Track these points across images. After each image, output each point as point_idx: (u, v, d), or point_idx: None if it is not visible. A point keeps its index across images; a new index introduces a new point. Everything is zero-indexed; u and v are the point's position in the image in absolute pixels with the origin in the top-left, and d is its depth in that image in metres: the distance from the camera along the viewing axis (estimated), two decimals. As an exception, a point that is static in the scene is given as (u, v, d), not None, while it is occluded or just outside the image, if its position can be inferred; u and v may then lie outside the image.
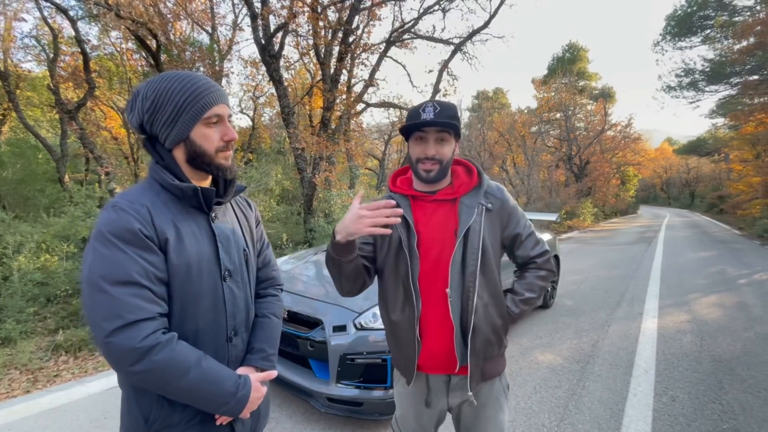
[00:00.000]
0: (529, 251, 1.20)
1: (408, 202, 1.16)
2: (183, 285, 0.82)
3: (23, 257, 3.96)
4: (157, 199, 0.82)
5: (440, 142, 1.11)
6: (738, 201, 19.56)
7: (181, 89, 0.81)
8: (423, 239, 1.12)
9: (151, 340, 0.72)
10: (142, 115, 0.83)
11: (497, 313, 1.15)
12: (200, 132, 0.83)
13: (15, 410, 2.35)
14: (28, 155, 8.84)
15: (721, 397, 2.68)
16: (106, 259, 0.73)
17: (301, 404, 2.42)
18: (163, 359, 0.73)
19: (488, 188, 1.16)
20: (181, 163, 0.86)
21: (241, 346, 0.95)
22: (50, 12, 7.60)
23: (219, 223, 0.92)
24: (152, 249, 0.77)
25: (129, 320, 0.71)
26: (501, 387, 1.22)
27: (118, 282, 0.72)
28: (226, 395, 0.81)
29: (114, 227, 0.74)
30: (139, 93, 0.83)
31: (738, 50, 14.73)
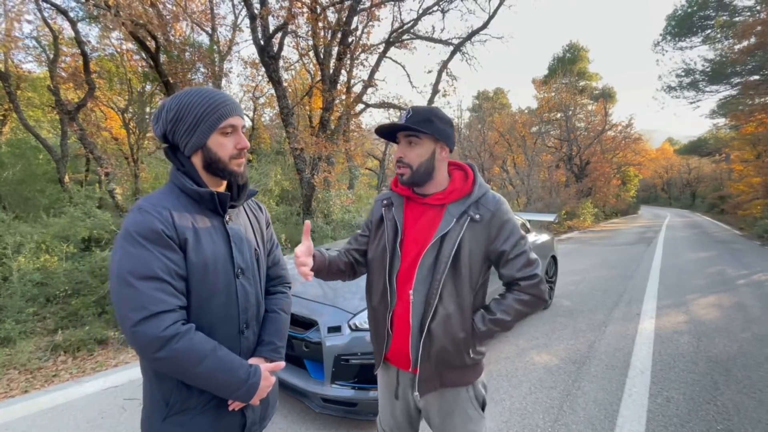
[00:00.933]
0: (515, 272, 1.12)
1: (401, 202, 1.22)
2: (200, 281, 0.90)
3: (23, 257, 3.98)
4: (177, 202, 0.91)
5: (409, 146, 1.14)
6: (738, 201, 19.54)
7: (201, 102, 0.90)
8: (407, 239, 1.18)
9: (172, 330, 0.81)
10: (166, 125, 0.92)
11: (460, 326, 1.12)
12: (216, 140, 0.92)
13: (13, 410, 2.37)
14: (28, 156, 8.86)
15: (716, 398, 2.69)
16: (133, 257, 0.82)
17: (296, 404, 2.44)
18: (183, 347, 0.81)
19: (482, 198, 1.14)
20: (198, 169, 0.95)
21: (252, 339, 1.03)
22: (51, 13, 7.63)
23: (233, 224, 1.00)
24: (173, 248, 0.86)
25: (153, 311, 0.80)
26: (469, 397, 1.19)
27: (144, 277, 0.81)
28: (238, 382, 0.89)
29: (140, 227, 0.83)
30: (165, 106, 0.93)
31: (738, 50, 14.70)
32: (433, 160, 1.14)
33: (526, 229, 4.66)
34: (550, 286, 4.80)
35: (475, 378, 1.20)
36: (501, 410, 2.48)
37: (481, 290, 1.18)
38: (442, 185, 1.18)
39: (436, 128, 1.11)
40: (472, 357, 1.16)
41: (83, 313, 3.73)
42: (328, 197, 7.30)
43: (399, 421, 1.30)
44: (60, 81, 7.71)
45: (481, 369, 1.23)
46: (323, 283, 2.68)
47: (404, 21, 9.10)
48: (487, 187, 1.17)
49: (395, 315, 1.18)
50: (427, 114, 1.11)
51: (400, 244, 1.18)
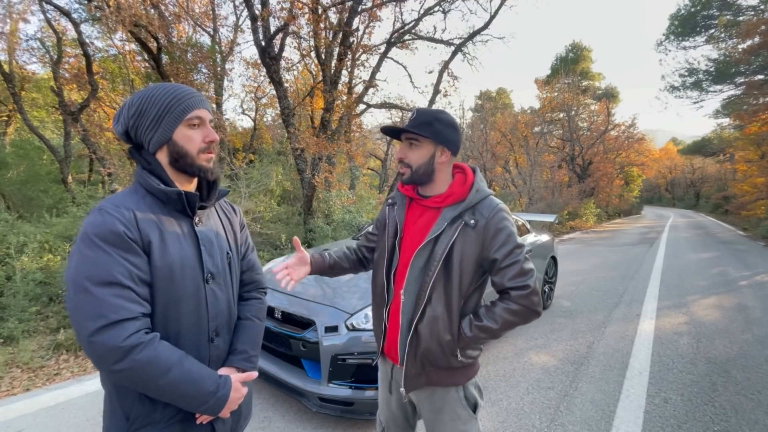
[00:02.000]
0: (505, 281, 1.09)
1: (405, 203, 1.26)
2: (166, 286, 0.85)
3: (26, 257, 4.01)
4: (142, 203, 0.86)
5: (410, 147, 1.16)
6: (743, 201, 19.42)
7: (165, 94, 0.87)
8: (405, 239, 1.21)
9: (133, 340, 0.75)
10: (128, 121, 0.87)
11: (447, 329, 1.12)
12: (183, 133, 0.88)
13: (14, 408, 2.40)
14: (32, 156, 8.93)
15: (714, 399, 2.69)
16: (90, 261, 0.76)
17: (293, 404, 2.45)
18: (145, 358, 0.76)
19: (479, 204, 1.13)
20: (165, 166, 0.90)
21: (223, 347, 0.98)
22: (54, 15, 7.69)
23: (202, 227, 0.95)
24: (136, 251, 0.80)
25: (112, 320, 0.74)
26: (458, 398, 1.20)
27: (102, 282, 0.75)
28: (206, 394, 0.84)
29: (99, 229, 0.78)
30: (125, 104, 0.88)
31: (742, 50, 14.61)
32: (433, 162, 1.15)
33: (526, 229, 4.66)
34: (549, 286, 4.80)
35: (466, 380, 1.21)
36: (498, 410, 2.49)
37: (475, 296, 1.18)
38: (443, 188, 1.19)
39: (436, 131, 1.11)
40: (460, 360, 1.16)
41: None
42: (329, 197, 7.32)
43: (395, 414, 1.34)
44: (63, 82, 7.78)
45: (474, 371, 1.23)
46: (322, 283, 2.70)
47: (405, 21, 9.11)
48: (487, 193, 1.16)
49: (391, 311, 1.23)
50: (429, 117, 1.12)
51: (399, 243, 1.21)
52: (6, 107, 10.23)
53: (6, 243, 4.14)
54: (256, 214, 7.05)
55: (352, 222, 7.11)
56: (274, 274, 1.28)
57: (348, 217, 7.20)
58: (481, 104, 28.31)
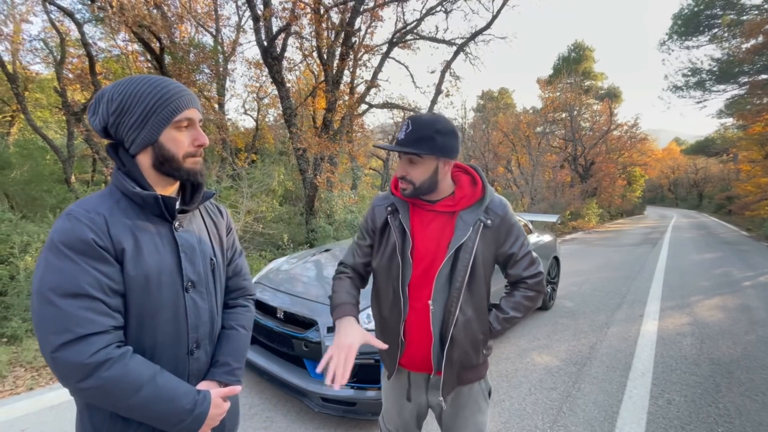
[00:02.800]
0: (522, 271, 1.17)
1: (407, 208, 1.17)
2: (140, 297, 0.79)
3: (30, 257, 4.03)
4: (116, 207, 0.79)
5: (410, 164, 1.09)
6: (746, 202, 19.33)
7: (151, 91, 0.79)
8: (417, 247, 1.13)
9: (101, 356, 0.70)
10: (107, 117, 0.79)
11: (479, 328, 1.16)
12: (170, 135, 0.81)
13: (18, 407, 2.41)
14: (35, 156, 8.97)
15: (717, 401, 2.67)
16: (56, 270, 0.70)
17: (295, 404, 2.45)
18: (114, 375, 0.70)
19: (491, 203, 1.13)
20: (146, 168, 0.83)
21: (204, 359, 0.92)
22: (58, 15, 7.73)
23: (183, 232, 0.88)
24: (106, 259, 0.75)
25: (79, 334, 0.69)
26: (480, 390, 1.24)
27: (69, 294, 0.70)
28: (181, 413, 0.77)
29: (66, 237, 0.72)
30: (104, 95, 0.80)
31: (746, 49, 14.54)
32: (437, 175, 1.09)
33: (529, 230, 4.65)
34: (552, 287, 4.78)
35: (486, 370, 1.26)
36: (500, 411, 2.48)
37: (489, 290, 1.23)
38: (448, 191, 1.15)
39: (437, 146, 1.04)
40: (484, 353, 1.22)
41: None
42: (331, 197, 7.33)
43: (407, 422, 1.30)
44: (67, 82, 7.81)
45: (489, 361, 1.29)
46: (323, 283, 2.69)
47: (407, 21, 9.12)
48: (492, 190, 1.17)
49: (409, 323, 1.15)
50: (429, 131, 1.03)
51: (411, 253, 1.13)
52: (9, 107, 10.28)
53: (10, 243, 4.16)
54: (258, 214, 7.06)
55: (354, 222, 7.12)
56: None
57: (350, 217, 7.21)
58: (483, 104, 28.29)
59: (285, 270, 3.06)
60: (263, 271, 3.20)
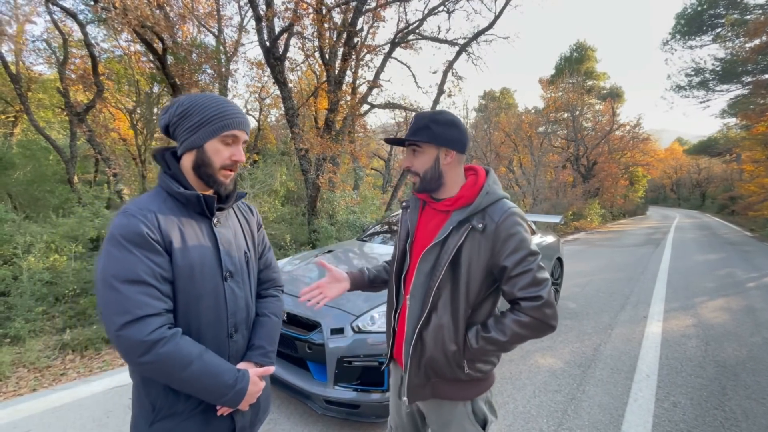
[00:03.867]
0: (515, 291, 1.02)
1: (418, 205, 1.24)
2: (187, 284, 0.90)
3: (33, 257, 4.04)
4: (163, 205, 0.91)
5: (413, 155, 1.14)
6: (749, 202, 19.24)
7: (213, 105, 0.93)
8: (416, 243, 1.19)
9: (156, 335, 0.81)
10: (172, 117, 0.94)
11: (453, 338, 1.07)
12: (214, 146, 0.94)
13: (21, 408, 2.41)
14: (38, 157, 9.00)
15: (723, 404, 2.65)
16: (117, 260, 0.82)
17: (299, 406, 2.44)
18: (168, 352, 0.82)
19: (490, 207, 1.08)
20: (187, 170, 0.96)
21: (241, 343, 1.03)
22: (60, 16, 7.75)
23: (221, 227, 1.00)
24: (158, 251, 0.86)
25: (137, 315, 0.80)
26: (466, 413, 1.14)
27: (128, 281, 0.81)
28: (225, 387, 0.89)
29: (125, 231, 0.84)
30: (177, 101, 0.95)
31: (750, 49, 14.47)
32: (438, 165, 1.11)
33: (532, 230, 4.63)
34: (555, 288, 4.76)
35: (475, 395, 1.14)
36: (505, 414, 2.47)
37: (486, 305, 1.12)
38: (454, 190, 1.14)
39: (434, 134, 1.08)
40: (467, 372, 1.10)
41: (91, 312, 3.78)
42: (333, 198, 7.32)
43: (404, 422, 1.32)
44: (69, 83, 7.83)
45: (484, 387, 1.16)
46: (327, 285, 2.68)
47: (409, 21, 9.09)
48: (499, 195, 1.10)
49: (400, 316, 1.21)
50: (426, 121, 1.09)
51: (411, 247, 1.19)
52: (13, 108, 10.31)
53: (13, 243, 4.16)
54: (260, 215, 7.05)
55: (356, 222, 7.10)
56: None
57: (352, 218, 7.20)
58: (485, 104, 28.23)
59: (288, 271, 3.05)
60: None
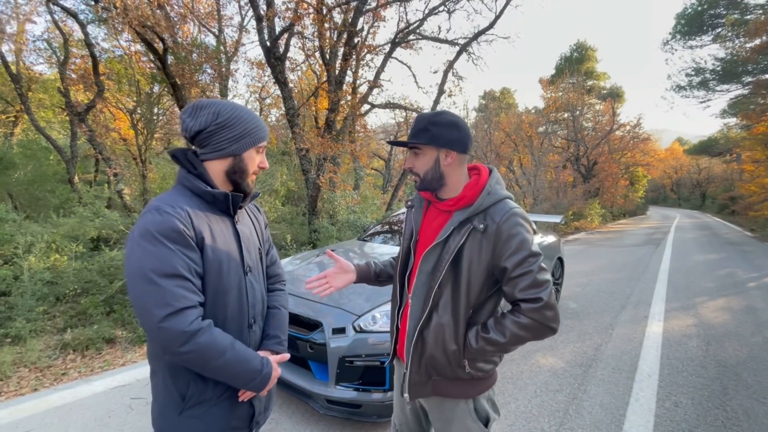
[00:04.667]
0: (516, 292, 1.02)
1: (422, 205, 1.26)
2: (215, 279, 0.95)
3: (33, 257, 4.04)
4: (191, 203, 0.95)
5: (415, 156, 1.15)
6: (750, 202, 19.24)
7: (252, 119, 1.01)
8: (420, 242, 1.21)
9: (195, 325, 0.85)
10: (209, 124, 0.96)
11: (453, 338, 1.08)
12: (250, 154, 1.02)
13: (22, 408, 2.41)
14: (39, 156, 9.00)
15: (725, 404, 2.65)
16: (154, 255, 0.84)
17: (300, 405, 2.44)
18: (205, 341, 0.86)
19: (492, 207, 1.07)
20: (216, 173, 1.00)
21: (258, 333, 1.11)
22: (61, 16, 7.75)
23: (240, 224, 1.06)
24: (193, 247, 0.90)
25: (177, 308, 0.84)
26: (468, 410, 1.15)
27: (167, 275, 0.84)
28: (254, 372, 0.96)
29: (161, 227, 0.86)
30: (209, 107, 0.97)
31: (750, 48, 14.47)
32: (439, 166, 1.11)
33: (533, 230, 4.63)
34: (556, 288, 4.76)
35: (476, 393, 1.15)
36: (506, 413, 2.46)
37: (487, 305, 1.13)
38: (457, 189, 1.14)
39: (433, 136, 1.08)
40: (468, 372, 1.10)
41: (92, 312, 3.78)
42: (334, 198, 7.32)
43: (408, 418, 1.32)
44: (70, 83, 7.83)
45: (486, 386, 1.17)
46: (328, 285, 2.68)
47: (410, 21, 9.09)
48: (501, 196, 1.09)
49: (403, 314, 1.23)
50: (425, 122, 1.10)
51: (415, 246, 1.21)
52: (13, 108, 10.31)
53: (14, 243, 4.17)
54: (261, 215, 7.05)
55: (357, 222, 7.10)
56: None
57: (352, 218, 7.20)
58: (485, 104, 28.23)
59: (289, 271, 3.05)
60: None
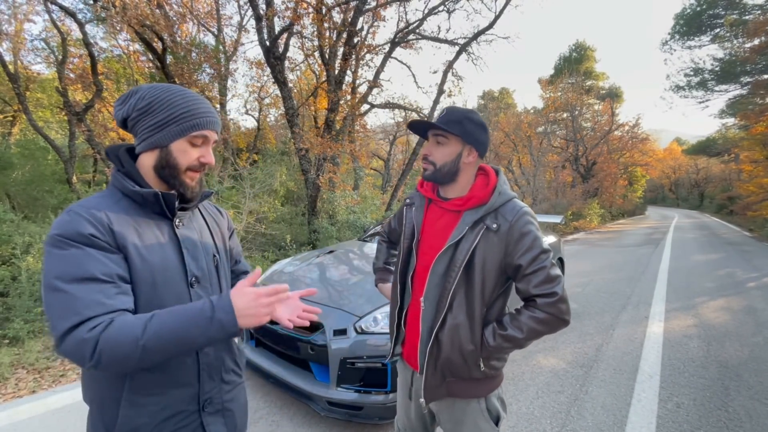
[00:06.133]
0: (530, 288, 1.04)
1: (423, 203, 1.23)
2: (149, 292, 0.80)
3: (31, 257, 4.01)
4: (117, 206, 0.81)
5: (437, 145, 1.13)
6: (748, 202, 19.26)
7: (181, 103, 0.84)
8: (423, 242, 1.18)
9: (98, 328, 0.68)
10: (131, 111, 0.83)
11: (469, 338, 1.08)
12: (181, 146, 0.85)
13: (20, 410, 2.39)
14: (37, 156, 8.95)
15: (727, 404, 2.64)
16: (61, 259, 0.71)
17: (301, 407, 2.43)
18: (114, 328, 0.69)
19: (502, 207, 1.08)
20: (146, 169, 0.85)
21: (213, 355, 0.91)
22: (59, 15, 7.71)
23: (184, 229, 0.90)
24: (109, 249, 0.75)
25: (85, 316, 0.68)
26: (480, 410, 1.15)
27: (76, 279, 0.70)
28: (201, 311, 0.73)
29: (65, 230, 0.73)
30: (138, 91, 0.85)
31: (749, 49, 14.50)
32: (459, 161, 1.12)
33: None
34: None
35: (488, 392, 1.16)
36: (508, 415, 2.45)
37: (498, 303, 1.13)
38: (464, 190, 1.15)
39: (465, 130, 1.09)
40: (483, 370, 1.11)
41: (90, 313, 3.75)
42: (333, 198, 7.30)
43: (413, 422, 1.31)
44: (68, 82, 7.79)
45: (497, 383, 1.18)
46: (327, 285, 2.67)
47: (410, 21, 9.08)
48: (510, 196, 1.11)
49: (409, 315, 1.21)
50: (459, 115, 1.10)
51: (417, 246, 1.19)
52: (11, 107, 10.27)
53: (12, 243, 4.14)
54: (261, 215, 7.04)
55: (357, 222, 7.09)
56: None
57: (352, 218, 7.18)
58: (485, 104, 28.25)
59: (289, 272, 3.04)
60: (267, 273, 3.17)
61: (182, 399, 0.85)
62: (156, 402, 0.82)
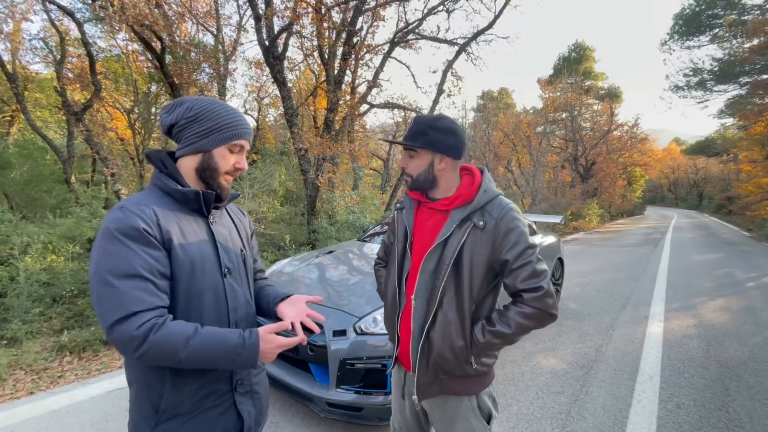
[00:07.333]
0: (518, 283, 1.05)
1: (413, 206, 1.25)
2: (188, 280, 0.90)
3: (30, 258, 4.00)
4: (160, 202, 0.91)
5: (409, 159, 1.17)
6: (747, 202, 19.29)
7: (225, 114, 0.96)
8: (415, 243, 1.20)
9: (147, 326, 0.78)
10: (180, 118, 0.93)
11: (460, 334, 1.09)
12: (222, 152, 0.96)
13: (19, 411, 2.37)
14: (35, 156, 8.93)
15: (727, 405, 2.64)
16: (112, 255, 0.80)
17: (300, 408, 2.42)
18: (162, 334, 0.79)
19: (488, 204, 1.11)
20: (187, 171, 0.96)
21: None
22: (58, 15, 7.69)
23: (216, 225, 1.02)
24: (156, 246, 0.85)
25: (130, 311, 0.78)
26: (471, 407, 1.17)
27: (125, 275, 0.79)
28: (234, 347, 0.86)
29: (120, 225, 0.82)
30: (185, 102, 0.95)
31: (748, 49, 14.51)
32: (432, 170, 1.14)
33: (532, 230, 4.61)
34: (556, 288, 4.75)
35: (480, 389, 1.18)
36: (508, 415, 2.45)
37: (488, 300, 1.15)
38: (450, 190, 1.17)
39: (430, 141, 1.10)
40: (475, 367, 1.13)
41: (89, 313, 3.74)
42: (333, 198, 7.28)
43: (408, 421, 1.32)
44: (67, 82, 7.78)
45: (488, 380, 1.20)
46: (327, 286, 2.66)
47: (409, 21, 9.06)
48: (495, 193, 1.13)
49: (403, 317, 1.21)
50: (424, 126, 1.11)
51: (410, 248, 1.20)
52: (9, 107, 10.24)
53: (10, 243, 4.12)
54: (260, 215, 7.03)
55: (356, 223, 7.08)
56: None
57: (352, 218, 7.17)
58: (484, 104, 28.24)
59: (288, 272, 3.03)
60: (266, 273, 3.16)
61: (217, 380, 0.96)
62: (194, 381, 0.92)
